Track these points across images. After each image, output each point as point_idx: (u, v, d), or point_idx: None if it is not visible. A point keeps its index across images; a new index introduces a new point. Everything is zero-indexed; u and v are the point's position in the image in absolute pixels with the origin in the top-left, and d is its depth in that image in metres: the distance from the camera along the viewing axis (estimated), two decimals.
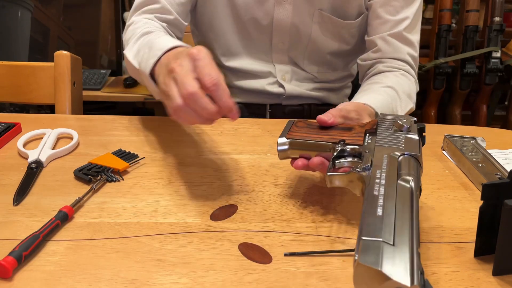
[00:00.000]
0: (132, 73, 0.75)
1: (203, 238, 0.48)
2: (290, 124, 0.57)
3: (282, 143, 0.54)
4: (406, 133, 0.50)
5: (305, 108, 0.96)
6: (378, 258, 0.31)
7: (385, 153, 0.46)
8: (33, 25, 1.81)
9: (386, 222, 0.35)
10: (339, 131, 0.54)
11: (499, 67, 1.87)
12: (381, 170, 0.43)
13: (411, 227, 0.35)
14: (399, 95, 0.75)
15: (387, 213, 0.36)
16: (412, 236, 0.34)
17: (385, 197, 0.38)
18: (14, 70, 0.93)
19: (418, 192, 0.41)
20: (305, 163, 0.53)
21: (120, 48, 1.85)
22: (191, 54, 0.49)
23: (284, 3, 0.83)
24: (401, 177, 0.42)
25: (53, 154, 0.64)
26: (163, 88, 0.51)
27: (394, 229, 0.34)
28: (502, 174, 0.59)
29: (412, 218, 0.36)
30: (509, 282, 0.42)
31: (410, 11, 0.83)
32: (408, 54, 0.84)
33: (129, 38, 0.75)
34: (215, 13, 0.87)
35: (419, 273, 0.31)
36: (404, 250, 0.32)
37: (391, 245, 0.33)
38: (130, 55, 0.70)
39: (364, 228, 0.35)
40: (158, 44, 0.60)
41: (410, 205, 0.38)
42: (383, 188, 0.40)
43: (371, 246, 0.33)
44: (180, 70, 0.49)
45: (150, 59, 0.60)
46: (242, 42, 0.90)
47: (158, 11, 0.81)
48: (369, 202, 0.38)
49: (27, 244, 0.44)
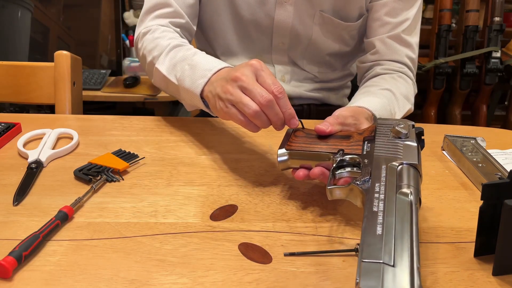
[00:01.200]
0: (159, 83, 0.76)
1: (203, 238, 0.48)
2: (289, 133, 0.58)
3: (281, 154, 0.54)
4: (404, 140, 0.50)
5: (305, 109, 0.96)
6: (378, 281, 0.32)
7: (384, 164, 0.46)
8: (33, 25, 1.81)
9: (386, 241, 0.36)
10: (338, 140, 0.54)
11: (499, 67, 1.88)
12: (380, 183, 0.43)
13: (411, 245, 0.36)
14: (396, 97, 0.75)
15: (387, 231, 0.37)
16: (412, 254, 0.35)
17: (384, 214, 0.39)
18: (14, 70, 0.93)
19: (418, 204, 0.41)
20: (306, 173, 0.54)
21: (120, 48, 1.85)
22: (252, 65, 0.55)
23: (285, 4, 0.83)
24: (400, 189, 0.42)
25: (53, 154, 0.64)
26: (229, 97, 0.55)
27: (393, 248, 0.35)
28: (502, 174, 0.59)
29: (412, 234, 0.37)
30: (509, 282, 0.42)
31: (410, 13, 0.83)
32: (406, 56, 0.84)
33: (153, 49, 0.75)
34: (215, 12, 0.87)
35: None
36: (404, 270, 0.33)
37: (391, 266, 0.34)
38: (163, 69, 0.71)
39: (365, 249, 0.35)
40: (204, 64, 0.64)
41: (410, 220, 0.38)
42: (382, 204, 0.40)
43: (371, 269, 0.34)
44: (247, 79, 0.53)
45: (198, 79, 0.62)
46: (242, 42, 0.90)
47: (171, 15, 0.81)
48: (368, 220, 0.39)
49: (27, 244, 0.44)
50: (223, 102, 0.56)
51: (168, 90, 0.76)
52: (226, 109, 0.56)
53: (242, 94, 0.54)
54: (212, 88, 0.59)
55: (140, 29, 0.82)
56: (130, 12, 2.03)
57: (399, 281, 0.32)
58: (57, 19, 1.82)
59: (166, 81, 0.71)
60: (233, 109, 0.55)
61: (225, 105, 0.56)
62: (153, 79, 0.78)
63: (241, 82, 0.54)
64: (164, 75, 0.71)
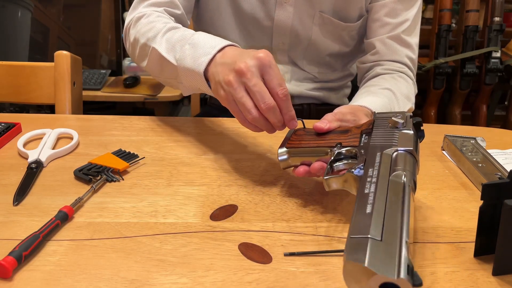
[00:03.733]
0: (153, 66, 0.72)
1: (203, 238, 0.48)
2: (290, 134, 0.58)
3: (281, 153, 0.55)
4: (401, 129, 0.50)
5: (305, 108, 0.96)
6: (364, 254, 0.32)
7: (379, 151, 0.46)
8: (33, 25, 1.81)
9: (375, 218, 0.35)
10: (336, 135, 0.55)
11: (499, 67, 1.88)
12: (373, 168, 0.43)
13: (401, 221, 0.35)
14: (396, 96, 0.75)
15: (376, 209, 0.37)
16: (402, 230, 0.34)
17: (375, 195, 0.39)
18: (14, 70, 0.93)
19: (412, 186, 0.41)
20: (307, 170, 0.54)
21: (120, 48, 1.85)
22: (260, 59, 0.52)
23: (285, 4, 0.83)
24: (394, 172, 0.42)
25: (53, 154, 0.64)
26: (232, 92, 0.53)
27: (383, 224, 0.35)
28: (502, 174, 0.59)
29: (403, 211, 0.36)
30: (509, 282, 0.42)
31: (410, 14, 0.83)
32: (406, 57, 0.84)
33: (147, 31, 0.72)
34: (217, 11, 0.87)
35: (407, 266, 0.31)
36: (392, 244, 0.33)
37: (379, 241, 0.33)
38: (161, 49, 0.67)
39: (353, 226, 0.35)
40: (207, 41, 0.61)
41: (402, 199, 0.38)
42: (374, 186, 0.40)
43: (358, 243, 0.33)
44: (251, 76, 0.52)
45: (201, 57, 0.59)
46: (243, 41, 0.90)
47: (166, 4, 0.80)
48: (359, 201, 0.39)
49: (27, 244, 0.44)
50: (225, 93, 0.55)
51: (162, 74, 0.71)
52: (227, 102, 0.55)
53: (245, 95, 0.53)
54: (215, 71, 0.57)
55: (133, 15, 0.79)
56: None
57: (385, 253, 0.32)
58: (57, 19, 1.82)
59: (163, 63, 0.68)
60: (235, 106, 0.55)
61: (226, 97, 0.55)
62: (145, 63, 0.73)
63: (245, 79, 0.52)
64: (161, 55, 0.67)
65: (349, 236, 0.34)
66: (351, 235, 0.34)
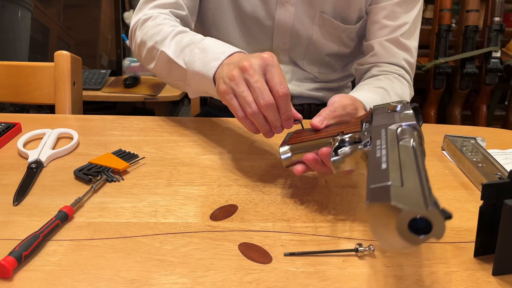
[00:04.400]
0: (160, 69, 0.73)
1: (203, 238, 0.48)
2: (288, 136, 0.58)
3: (284, 151, 0.55)
4: (401, 112, 0.49)
5: (305, 108, 0.96)
6: (388, 195, 0.31)
7: (383, 128, 0.46)
8: (33, 25, 1.81)
9: (392, 170, 0.34)
10: (337, 126, 0.55)
11: (499, 67, 1.88)
12: (380, 139, 0.43)
13: (418, 171, 0.34)
14: (390, 95, 0.75)
15: (392, 164, 0.36)
16: (421, 175, 0.33)
17: (388, 156, 0.38)
18: (14, 70, 0.93)
19: (422, 149, 0.40)
20: (304, 167, 0.54)
21: (120, 48, 1.85)
22: (263, 58, 0.54)
23: (286, 4, 0.84)
24: (402, 140, 0.41)
25: (53, 154, 0.64)
26: (233, 86, 0.55)
27: (401, 174, 0.34)
28: (502, 174, 0.59)
29: (418, 164, 0.35)
30: (509, 282, 0.42)
31: (409, 17, 0.83)
32: (404, 60, 0.84)
33: (155, 34, 0.73)
34: (218, 10, 0.87)
35: (433, 201, 0.30)
36: (414, 187, 0.32)
37: (400, 186, 0.32)
38: (170, 52, 0.69)
39: (370, 178, 0.34)
40: (217, 47, 0.63)
41: (415, 156, 0.37)
42: (384, 151, 0.39)
43: (380, 189, 0.32)
44: (254, 73, 0.53)
45: (211, 61, 0.61)
46: (244, 40, 0.90)
47: (172, 6, 0.80)
48: (372, 163, 0.38)
49: (27, 244, 0.44)
50: (225, 87, 0.56)
51: (170, 76, 0.73)
52: (228, 97, 0.56)
53: (246, 90, 0.54)
54: (221, 71, 0.59)
55: (139, 16, 0.80)
56: (130, 12, 2.03)
57: (408, 193, 0.30)
58: (57, 19, 1.82)
59: (171, 65, 0.70)
60: (235, 102, 0.55)
61: (226, 91, 0.56)
62: (152, 65, 0.75)
63: (247, 75, 0.53)
64: (170, 58, 0.69)
65: (369, 187, 0.33)
66: (370, 186, 0.33)
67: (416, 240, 0.29)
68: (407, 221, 0.29)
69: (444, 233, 0.29)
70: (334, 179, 0.60)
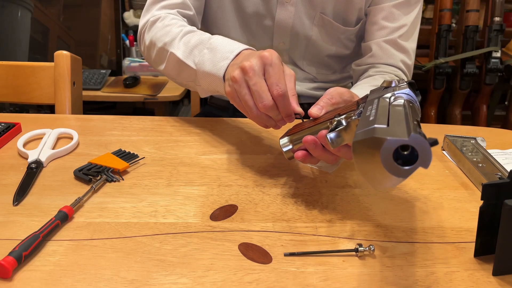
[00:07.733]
0: (170, 70, 0.74)
1: (203, 238, 0.48)
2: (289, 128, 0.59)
3: (284, 143, 0.56)
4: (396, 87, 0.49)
5: (305, 108, 0.96)
6: (372, 132, 0.30)
7: (376, 98, 0.46)
8: (33, 25, 1.81)
9: (379, 118, 0.34)
10: (334, 111, 0.55)
11: (499, 67, 1.88)
12: (372, 105, 0.43)
13: (406, 118, 0.34)
14: None
15: (380, 116, 0.36)
16: (408, 121, 0.33)
17: (377, 110, 0.38)
18: (14, 70, 0.93)
19: (412, 107, 0.40)
20: (305, 153, 0.54)
21: (120, 48, 1.85)
22: (263, 57, 0.54)
23: (287, 4, 0.84)
24: (394, 102, 0.41)
25: (53, 154, 0.64)
26: (236, 88, 0.56)
27: (388, 121, 0.34)
28: (502, 174, 0.59)
29: (407, 113, 0.35)
30: (509, 282, 0.42)
31: (408, 19, 0.83)
32: (401, 62, 0.85)
33: (163, 36, 0.74)
34: (220, 9, 0.87)
35: (418, 131, 0.29)
36: (399, 124, 0.31)
37: (385, 127, 0.32)
38: (179, 53, 0.70)
39: (358, 128, 0.34)
40: (225, 46, 0.63)
41: (404, 109, 0.37)
42: (375, 111, 0.39)
43: (365, 132, 0.32)
44: (253, 75, 0.54)
45: (220, 61, 0.62)
46: (245, 39, 0.90)
47: (179, 6, 0.81)
48: (361, 120, 0.38)
49: (27, 244, 0.44)
50: (230, 89, 0.58)
51: (180, 77, 0.74)
52: (232, 98, 0.58)
53: (247, 93, 0.55)
54: (229, 70, 0.60)
55: (147, 18, 0.80)
56: (130, 12, 2.03)
57: (393, 127, 0.30)
58: (57, 19, 1.83)
59: (181, 66, 0.70)
60: (239, 102, 0.57)
61: (232, 93, 0.57)
62: (162, 66, 0.75)
63: (247, 77, 0.54)
64: (179, 59, 0.69)
65: (356, 133, 0.33)
66: (356, 131, 0.33)
67: (403, 171, 0.29)
68: (391, 151, 0.28)
69: (430, 160, 0.28)
70: (334, 179, 0.61)
